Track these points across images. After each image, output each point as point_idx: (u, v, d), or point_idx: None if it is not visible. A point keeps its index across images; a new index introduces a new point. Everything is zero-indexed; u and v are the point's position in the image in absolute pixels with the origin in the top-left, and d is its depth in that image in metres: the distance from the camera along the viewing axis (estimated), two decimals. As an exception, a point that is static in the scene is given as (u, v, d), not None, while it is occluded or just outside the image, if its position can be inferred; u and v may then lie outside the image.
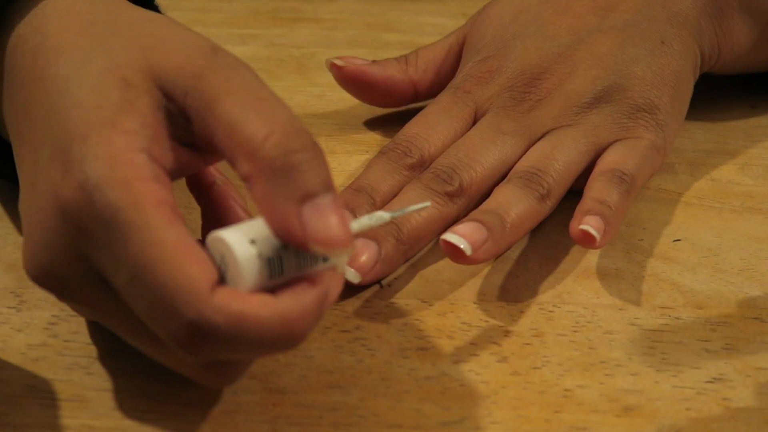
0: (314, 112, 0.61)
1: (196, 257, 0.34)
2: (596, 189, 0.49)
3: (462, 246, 0.45)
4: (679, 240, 0.51)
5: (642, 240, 0.51)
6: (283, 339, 0.35)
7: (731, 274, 0.49)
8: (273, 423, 0.40)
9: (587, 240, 0.46)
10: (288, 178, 0.35)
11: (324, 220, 0.35)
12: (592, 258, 0.49)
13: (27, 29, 0.42)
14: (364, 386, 0.41)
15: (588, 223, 0.46)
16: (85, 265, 0.36)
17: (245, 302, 0.34)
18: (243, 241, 0.35)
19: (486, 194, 0.50)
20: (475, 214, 0.47)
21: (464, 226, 0.46)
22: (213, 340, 0.34)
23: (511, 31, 0.56)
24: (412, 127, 0.53)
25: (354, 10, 0.74)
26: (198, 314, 0.34)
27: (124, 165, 0.35)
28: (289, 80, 0.65)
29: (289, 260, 0.36)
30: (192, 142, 0.38)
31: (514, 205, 0.48)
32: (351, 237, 0.35)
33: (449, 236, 0.45)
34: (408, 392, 0.41)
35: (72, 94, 0.38)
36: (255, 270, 0.35)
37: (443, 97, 0.54)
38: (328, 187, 0.35)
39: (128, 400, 0.40)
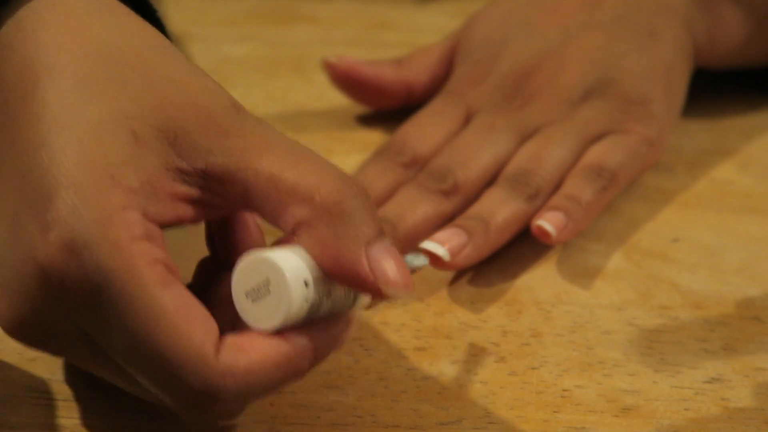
0: (312, 112, 0.61)
1: (196, 318, 0.33)
2: (569, 185, 0.49)
3: (440, 252, 0.45)
4: (677, 240, 0.51)
5: (640, 240, 0.51)
6: (289, 379, 0.35)
7: (730, 274, 0.49)
8: (270, 423, 0.40)
9: (542, 236, 0.47)
10: (350, 222, 0.34)
11: (389, 263, 0.35)
12: (590, 258, 0.49)
13: (18, 34, 0.37)
14: (362, 386, 0.41)
15: (546, 219, 0.47)
16: (70, 325, 0.34)
17: (251, 354, 0.33)
18: (300, 282, 0.34)
19: (482, 191, 0.50)
20: (458, 219, 0.48)
21: (443, 233, 0.46)
22: (223, 402, 0.33)
23: (500, 35, 0.56)
24: (404, 129, 0.53)
25: (352, 9, 0.74)
26: (206, 382, 0.33)
27: (116, 224, 0.33)
28: (287, 80, 0.65)
29: (324, 306, 0.35)
30: (202, 198, 0.36)
31: (501, 208, 0.48)
32: (411, 278, 0.35)
33: (427, 244, 0.46)
34: (405, 392, 0.41)
35: (69, 133, 0.34)
36: (299, 314, 0.34)
37: (435, 101, 0.55)
38: (383, 231, 0.35)
39: (125, 401, 0.40)
